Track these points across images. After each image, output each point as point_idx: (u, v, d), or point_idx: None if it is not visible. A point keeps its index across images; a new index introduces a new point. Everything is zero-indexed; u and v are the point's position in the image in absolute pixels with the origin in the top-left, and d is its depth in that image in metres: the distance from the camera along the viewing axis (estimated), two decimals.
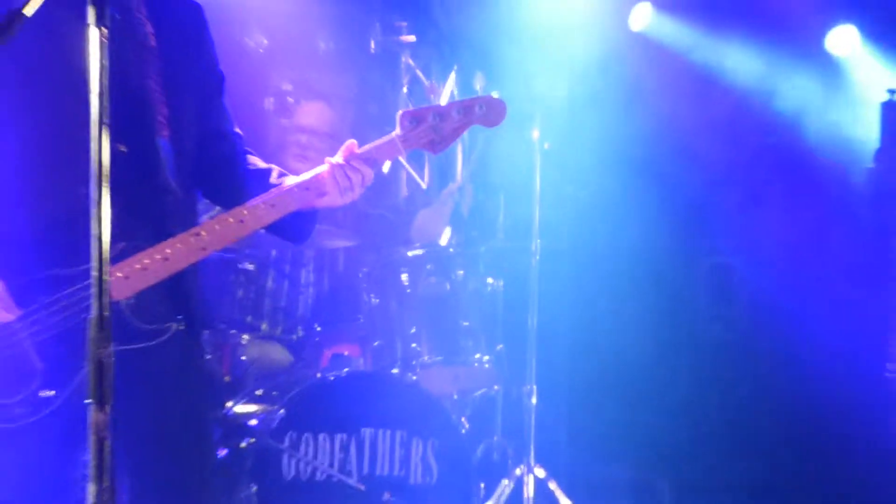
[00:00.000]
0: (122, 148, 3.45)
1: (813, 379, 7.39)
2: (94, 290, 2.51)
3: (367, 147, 3.79)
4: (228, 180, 3.95)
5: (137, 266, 3.45)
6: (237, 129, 4.06)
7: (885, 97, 7.52)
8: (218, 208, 4.29)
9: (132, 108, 3.60)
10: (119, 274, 3.37)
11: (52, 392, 3.45)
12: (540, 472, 6.10)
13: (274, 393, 5.55)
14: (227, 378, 5.71)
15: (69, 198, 3.48)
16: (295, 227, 3.94)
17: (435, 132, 3.83)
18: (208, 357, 5.02)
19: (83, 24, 2.65)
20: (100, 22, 2.59)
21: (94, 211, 2.51)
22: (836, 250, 7.78)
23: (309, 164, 4.46)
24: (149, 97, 3.68)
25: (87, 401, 2.45)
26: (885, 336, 6.43)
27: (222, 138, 3.99)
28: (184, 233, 3.57)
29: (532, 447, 6.12)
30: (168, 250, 3.50)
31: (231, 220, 3.64)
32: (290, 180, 3.81)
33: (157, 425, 3.64)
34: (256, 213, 3.69)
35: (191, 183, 3.84)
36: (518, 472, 6.10)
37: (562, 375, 6.52)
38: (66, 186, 3.51)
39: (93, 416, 2.48)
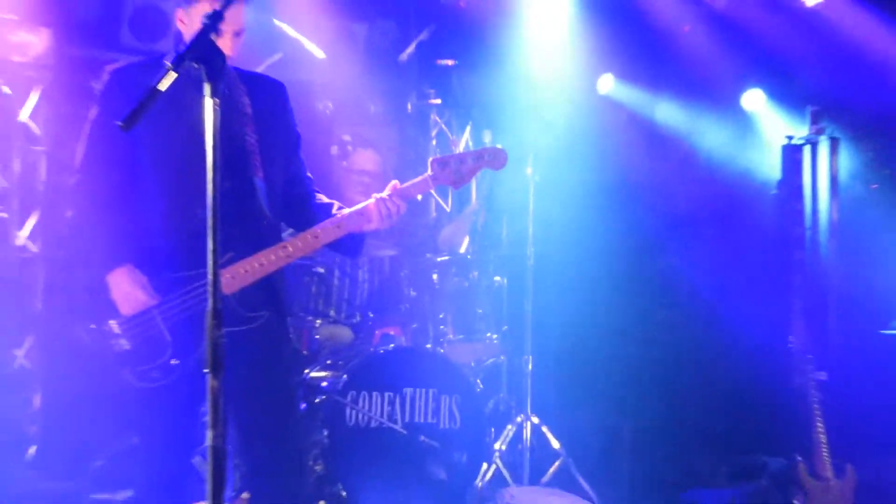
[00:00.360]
0: (227, 184, 3.46)
1: (737, 349, 7.50)
2: (209, 288, 2.67)
3: (406, 184, 3.95)
4: (303, 212, 4.06)
5: (241, 270, 3.68)
6: (309, 174, 4.20)
7: (784, 142, 7.66)
8: (290, 230, 4.33)
9: (236, 157, 3.75)
10: (228, 275, 3.62)
11: (178, 361, 3.64)
12: (535, 419, 6.23)
13: (339, 362, 5.58)
14: (305, 352, 5.72)
15: (191, 221, 3.65)
16: (350, 244, 4.09)
17: (456, 174, 3.98)
18: (291, 336, 5.16)
19: (201, 96, 2.82)
20: (213, 95, 2.73)
21: (209, 231, 2.71)
22: (750, 256, 7.95)
23: (363, 196, 4.40)
24: (247, 149, 3.81)
25: (205, 370, 2.65)
26: (787, 319, 6.54)
27: (299, 182, 4.13)
28: (273, 246, 3.77)
29: (529, 401, 6.26)
30: (262, 258, 3.73)
31: (308, 237, 3.82)
32: (347, 210, 3.98)
33: (256, 387, 3.78)
34: (326, 232, 3.85)
35: (277, 211, 3.95)
36: (519, 419, 6.23)
37: (550, 348, 6.63)
38: (189, 213, 3.68)
39: (209, 381, 2.65)
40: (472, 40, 7.48)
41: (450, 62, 6.89)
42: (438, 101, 6.64)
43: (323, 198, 4.21)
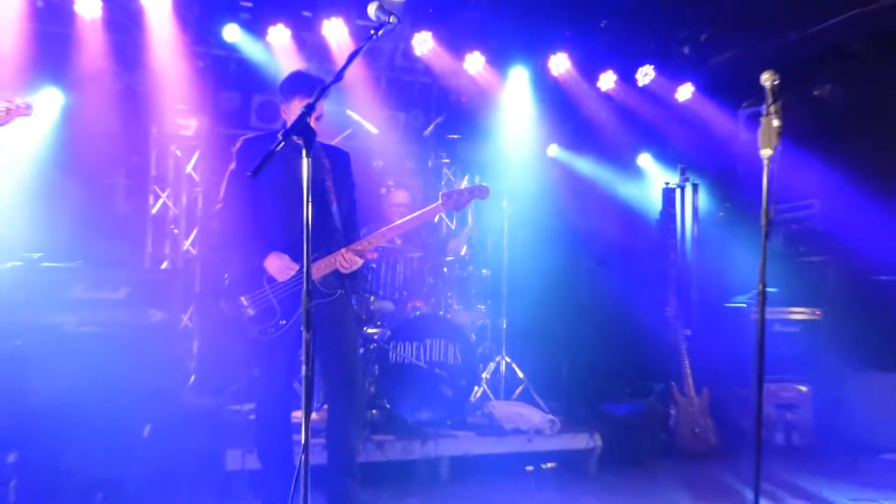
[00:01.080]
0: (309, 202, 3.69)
1: (636, 315, 7.47)
2: (304, 277, 2.72)
3: (424, 210, 4.00)
4: (353, 230, 4.04)
5: (322, 264, 3.77)
6: (356, 209, 4.15)
7: (664, 186, 7.64)
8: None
9: (319, 194, 3.83)
10: (314, 268, 3.72)
11: (284, 321, 3.75)
12: (507, 359, 6.17)
13: (385, 323, 5.56)
14: (363, 316, 5.57)
15: (293, 233, 3.78)
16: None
17: (457, 203, 3.95)
18: (355, 306, 5.11)
19: (299, 157, 2.84)
20: (307, 156, 2.77)
21: (304, 241, 2.74)
22: (643, 259, 7.95)
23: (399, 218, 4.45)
24: (326, 189, 3.89)
25: (302, 328, 2.73)
26: (666, 297, 6.50)
27: (352, 212, 4.08)
28: (357, 241, 3.85)
29: (504, 348, 6.21)
30: (333, 258, 3.77)
31: (360, 245, 3.82)
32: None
33: (332, 338, 3.80)
34: (373, 241, 3.86)
35: (343, 228, 3.96)
36: (497, 359, 6.17)
37: (518, 314, 6.59)
38: (291, 228, 3.78)
39: (304, 334, 2.71)
40: (470, 122, 7.51)
41: (455, 136, 6.89)
42: (448, 160, 6.61)
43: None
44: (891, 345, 6.94)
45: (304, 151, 2.79)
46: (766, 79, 3.58)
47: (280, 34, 6.10)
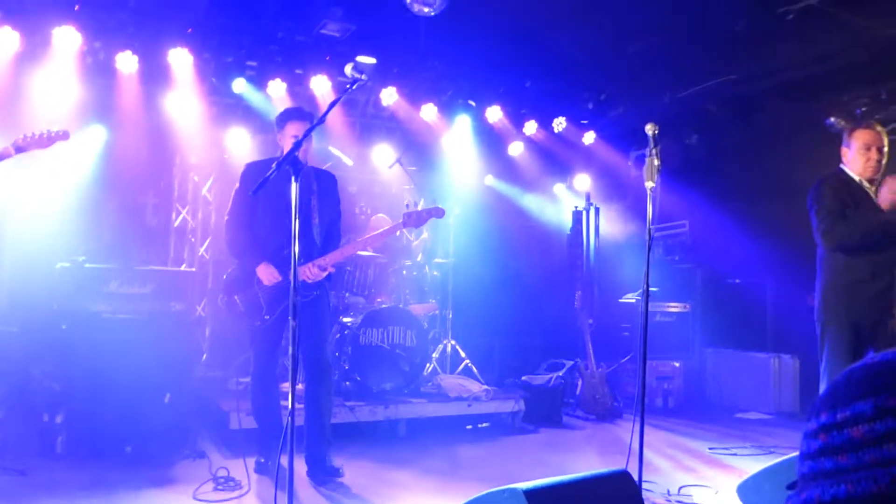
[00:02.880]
0: (296, 218, 3.64)
1: (552, 306, 7.56)
2: (291, 275, 2.70)
3: (387, 227, 3.98)
4: (332, 242, 3.91)
5: (304, 270, 3.64)
6: (337, 227, 4.04)
7: (573, 209, 7.75)
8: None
9: (305, 211, 3.69)
10: (302, 270, 3.60)
11: (268, 316, 3.70)
12: (453, 342, 6.16)
13: (357, 313, 5.43)
14: (340, 308, 5.52)
15: (280, 244, 3.70)
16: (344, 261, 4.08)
17: (417, 220, 3.89)
18: (333, 302, 5.06)
19: (289, 182, 2.82)
20: (296, 180, 2.73)
21: (292, 246, 2.73)
22: (558, 265, 8.02)
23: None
24: (311, 208, 3.77)
25: (290, 317, 2.69)
26: (573, 293, 6.52)
27: (334, 226, 3.97)
28: (320, 258, 3.70)
29: (450, 333, 6.21)
30: (304, 268, 3.64)
31: (322, 261, 3.71)
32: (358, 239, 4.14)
33: (312, 328, 3.74)
34: (349, 248, 3.89)
35: (322, 241, 3.86)
36: (445, 342, 6.16)
37: (462, 305, 6.62)
38: (280, 241, 3.70)
39: (290, 322, 2.66)
40: (425, 157, 7.47)
41: (413, 168, 6.86)
42: (408, 187, 6.54)
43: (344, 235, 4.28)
44: (740, 329, 7.11)
45: (292, 178, 2.75)
46: (649, 129, 3.64)
47: (277, 87, 6.05)
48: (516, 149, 7.57)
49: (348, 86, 2.95)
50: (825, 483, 0.65)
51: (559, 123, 7.20)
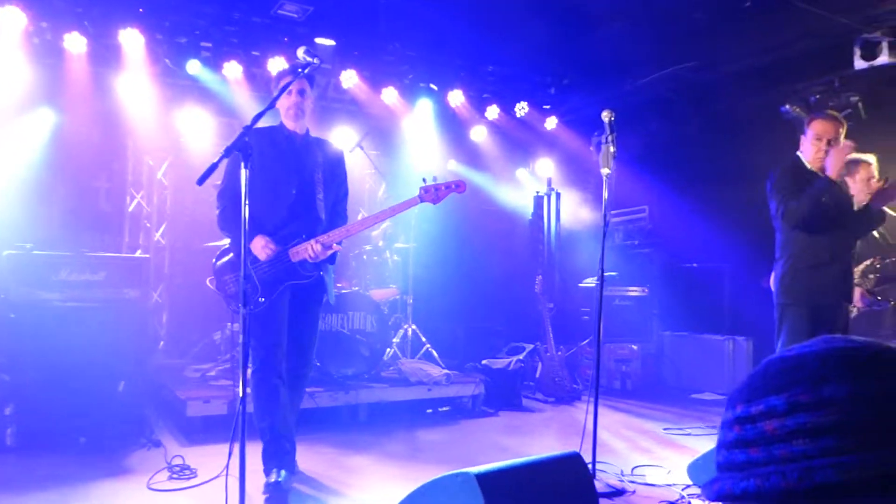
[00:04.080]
0: (294, 191, 3.33)
1: (513, 291, 7.68)
2: (242, 263, 2.61)
3: (401, 203, 3.38)
4: (337, 220, 3.48)
5: (300, 249, 3.25)
6: (343, 205, 3.62)
7: (535, 194, 7.80)
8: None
9: (309, 185, 3.38)
10: (295, 251, 3.26)
11: (263, 299, 3.26)
12: (413, 326, 6.18)
13: None
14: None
15: (276, 219, 3.32)
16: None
17: (435, 196, 3.35)
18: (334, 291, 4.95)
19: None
20: (246, 167, 2.53)
21: (242, 230, 2.64)
22: (520, 248, 8.10)
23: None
24: (315, 181, 3.41)
25: (240, 305, 2.54)
26: (534, 278, 6.59)
27: (341, 203, 3.58)
28: (324, 234, 3.28)
29: (410, 318, 6.22)
30: (307, 245, 3.24)
31: (325, 238, 3.25)
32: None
33: (308, 315, 3.47)
34: (356, 225, 3.41)
35: (328, 218, 3.46)
36: (405, 326, 6.18)
37: (422, 291, 6.63)
38: (275, 215, 3.33)
39: (241, 310, 2.59)
40: (387, 139, 7.44)
41: (375, 152, 6.85)
42: (370, 171, 6.53)
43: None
44: (696, 313, 7.27)
45: (242, 164, 2.56)
46: (605, 116, 3.68)
47: (234, 68, 5.95)
48: (479, 133, 7.58)
49: (300, 69, 2.90)
50: (737, 476, 0.65)
51: (521, 108, 7.22)
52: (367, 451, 4.26)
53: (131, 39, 5.50)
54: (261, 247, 3.26)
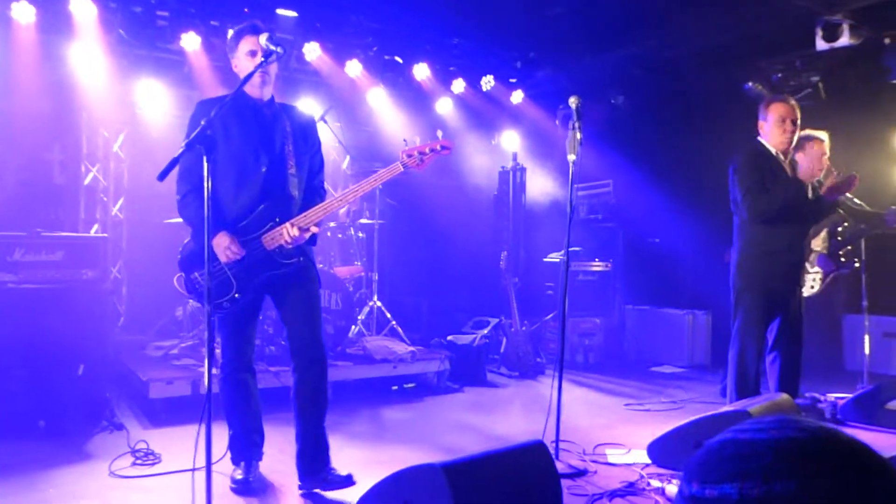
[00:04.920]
0: (264, 169, 3.00)
1: (480, 266, 7.70)
2: (205, 255, 2.44)
3: (382, 171, 3.02)
4: (314, 197, 3.16)
5: (275, 234, 2.92)
6: (320, 178, 3.27)
7: (499, 169, 7.80)
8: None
9: (280, 159, 3.04)
10: (269, 237, 2.94)
11: (239, 295, 3.01)
12: (379, 303, 6.17)
13: None
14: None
15: (241, 204, 3.00)
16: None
17: (419, 161, 2.99)
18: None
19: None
20: (208, 161, 2.36)
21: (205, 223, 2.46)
22: (487, 223, 8.12)
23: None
24: (286, 153, 3.05)
25: (205, 303, 2.41)
26: (500, 253, 6.64)
27: (316, 177, 3.22)
28: (299, 216, 2.96)
29: (375, 294, 6.22)
30: (282, 230, 2.92)
31: (301, 220, 2.95)
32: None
33: (302, 303, 3.11)
34: (334, 202, 3.02)
35: (303, 196, 3.13)
36: (370, 303, 6.18)
37: (387, 268, 6.65)
38: (250, 200, 3.02)
39: (206, 308, 2.56)
40: (352, 112, 7.35)
41: (338, 124, 6.79)
42: (335, 144, 6.43)
43: (327, 190, 3.44)
44: (657, 287, 7.42)
45: (204, 157, 2.38)
46: (572, 102, 3.68)
47: (192, 39, 5.77)
48: (444, 107, 7.53)
49: (262, 59, 2.81)
50: None
51: (487, 82, 7.17)
52: (331, 431, 4.17)
53: (82, 8, 5.30)
54: (223, 247, 2.95)
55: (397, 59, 6.75)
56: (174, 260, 3.27)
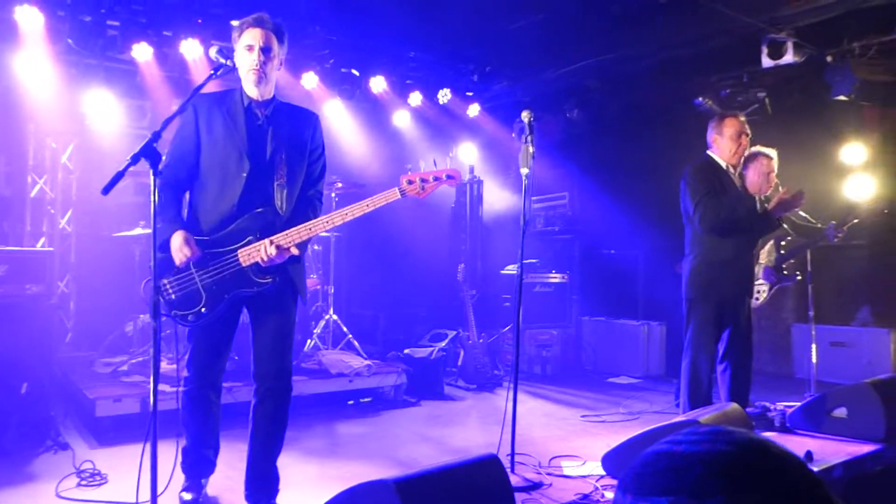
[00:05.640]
0: (244, 174, 2.79)
1: (437, 279, 7.71)
2: (152, 272, 2.27)
3: (378, 196, 2.86)
4: (306, 210, 2.93)
5: (251, 251, 2.73)
6: (317, 189, 3.02)
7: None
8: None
9: (266, 167, 2.82)
10: (244, 253, 2.74)
11: (206, 310, 2.80)
12: (335, 316, 6.11)
13: None
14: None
15: (230, 214, 2.79)
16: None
17: (421, 189, 2.91)
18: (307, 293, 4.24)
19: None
20: (156, 175, 2.30)
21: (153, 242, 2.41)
22: (445, 236, 8.14)
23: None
24: (276, 162, 2.82)
25: (150, 318, 2.30)
26: (457, 265, 6.65)
27: (311, 188, 2.98)
28: (281, 233, 2.75)
29: (331, 308, 6.17)
30: (259, 246, 2.73)
31: (281, 239, 2.73)
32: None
33: (270, 325, 2.92)
34: (319, 224, 2.80)
35: (290, 210, 2.89)
36: (326, 316, 6.10)
37: (343, 282, 6.62)
38: (231, 210, 2.80)
39: (153, 324, 2.50)
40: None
41: None
42: None
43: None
44: (613, 299, 7.53)
45: (151, 172, 2.32)
46: (525, 116, 3.72)
47: (143, 49, 5.68)
48: (401, 119, 7.54)
49: (211, 71, 2.75)
50: None
51: (444, 95, 7.22)
52: (286, 448, 4.14)
53: (28, 17, 5.17)
54: (177, 248, 2.75)
55: (354, 71, 6.75)
56: (124, 274, 3.19)
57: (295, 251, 2.78)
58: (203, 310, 2.82)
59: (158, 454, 2.33)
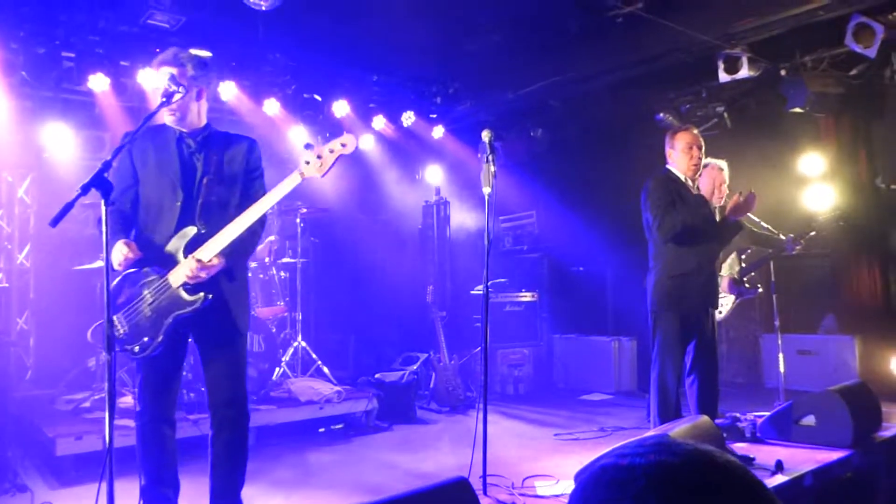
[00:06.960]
0: (178, 203, 2.83)
1: (405, 300, 7.69)
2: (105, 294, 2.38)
3: (281, 185, 2.89)
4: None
5: (178, 272, 2.75)
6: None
7: (423, 203, 7.84)
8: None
9: (196, 192, 2.85)
10: (174, 275, 2.75)
11: (148, 339, 2.76)
12: (304, 343, 6.01)
13: None
14: None
15: (154, 241, 2.82)
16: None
17: (322, 165, 2.87)
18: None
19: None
20: (107, 204, 2.30)
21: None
22: (413, 256, 8.13)
23: None
24: (202, 186, 2.85)
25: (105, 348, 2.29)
26: (426, 286, 6.63)
27: (239, 210, 2.84)
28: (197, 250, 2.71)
29: (300, 334, 6.06)
30: (190, 258, 2.68)
31: (200, 253, 2.74)
32: None
33: (217, 349, 2.95)
34: (232, 229, 2.78)
35: (214, 222, 2.82)
36: (295, 343, 6.00)
37: (311, 307, 6.56)
38: (167, 234, 2.81)
39: (104, 356, 2.42)
40: (271, 151, 7.19)
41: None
42: None
43: None
44: (583, 315, 7.56)
45: (102, 202, 2.30)
46: (485, 135, 3.72)
47: (100, 80, 5.62)
48: (366, 143, 7.55)
49: (163, 99, 2.74)
50: None
51: (408, 118, 7.25)
52: (254, 479, 4.10)
53: None
54: (116, 250, 2.69)
55: (316, 97, 6.76)
56: (85, 308, 3.11)
57: (217, 261, 2.74)
58: (146, 339, 2.79)
59: (121, 493, 2.27)
